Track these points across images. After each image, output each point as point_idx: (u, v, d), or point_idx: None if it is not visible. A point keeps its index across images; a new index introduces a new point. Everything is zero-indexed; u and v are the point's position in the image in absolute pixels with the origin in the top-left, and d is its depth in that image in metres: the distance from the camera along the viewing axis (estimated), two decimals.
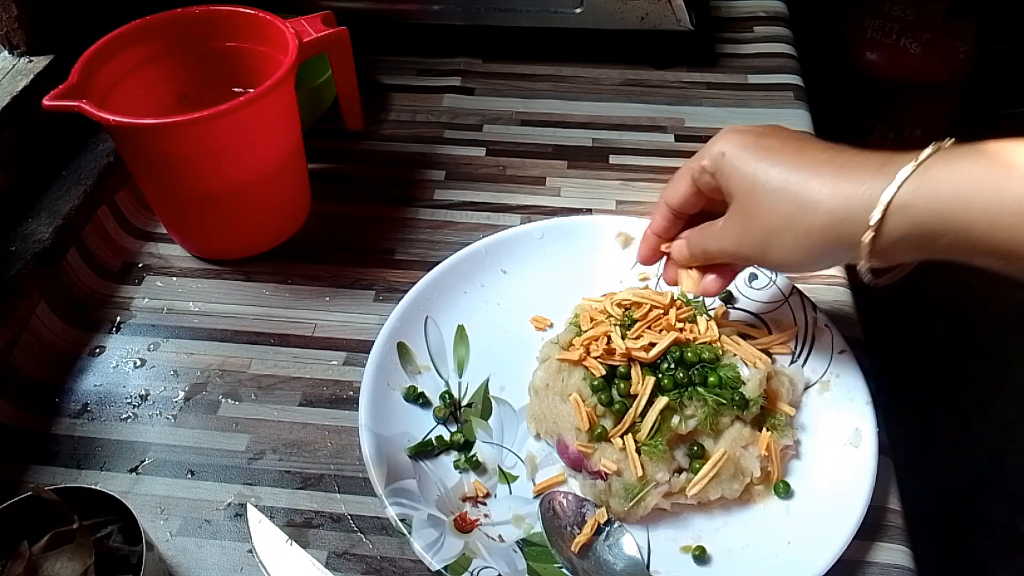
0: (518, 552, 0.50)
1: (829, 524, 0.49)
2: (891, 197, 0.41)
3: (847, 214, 0.43)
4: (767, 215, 0.46)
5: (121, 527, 0.46)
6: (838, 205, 0.43)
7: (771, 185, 0.46)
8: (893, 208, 0.41)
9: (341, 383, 0.60)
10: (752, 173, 0.47)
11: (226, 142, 0.61)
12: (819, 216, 0.44)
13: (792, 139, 0.48)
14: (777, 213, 0.46)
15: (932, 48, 1.53)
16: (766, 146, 0.47)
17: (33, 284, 0.62)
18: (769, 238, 0.47)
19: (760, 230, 0.47)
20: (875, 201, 0.41)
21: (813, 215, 0.44)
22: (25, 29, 0.72)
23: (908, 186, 0.41)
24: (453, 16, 0.86)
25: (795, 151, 0.46)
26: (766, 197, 0.46)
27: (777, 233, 0.46)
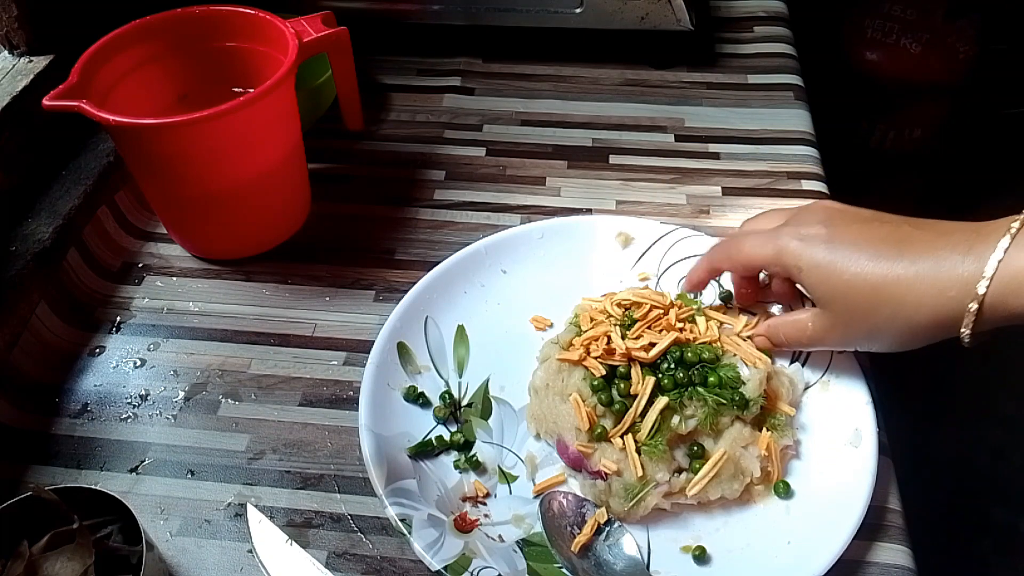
0: (518, 552, 0.50)
1: (829, 524, 0.49)
2: (985, 291, 0.42)
3: (947, 314, 0.44)
4: (864, 322, 0.48)
5: (121, 527, 0.46)
6: (936, 308, 0.44)
7: (864, 295, 0.47)
8: (987, 304, 0.43)
9: (341, 383, 0.60)
10: (836, 287, 0.48)
11: (226, 142, 0.61)
12: (921, 316, 0.45)
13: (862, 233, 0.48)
14: (876, 318, 0.47)
15: (932, 48, 1.53)
16: (842, 255, 0.47)
17: (33, 284, 0.62)
18: (873, 336, 0.49)
19: (862, 332, 0.49)
20: (970, 295, 0.43)
21: (914, 315, 0.45)
22: (25, 29, 0.72)
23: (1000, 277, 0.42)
24: (453, 16, 0.86)
25: (873, 251, 0.47)
26: (860, 306, 0.47)
27: (880, 333, 0.48)
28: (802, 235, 0.49)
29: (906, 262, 0.45)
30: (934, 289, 0.44)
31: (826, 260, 0.48)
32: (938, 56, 1.53)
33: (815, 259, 0.48)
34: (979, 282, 0.42)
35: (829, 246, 0.48)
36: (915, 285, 0.45)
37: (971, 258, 0.43)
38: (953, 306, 0.44)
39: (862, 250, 0.47)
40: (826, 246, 0.48)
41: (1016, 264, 0.42)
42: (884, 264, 0.46)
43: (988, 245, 0.43)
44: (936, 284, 0.44)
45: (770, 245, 0.51)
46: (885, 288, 0.46)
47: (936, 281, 0.44)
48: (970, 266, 0.43)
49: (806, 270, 0.49)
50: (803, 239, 0.49)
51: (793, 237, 0.50)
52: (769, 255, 0.51)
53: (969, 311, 0.43)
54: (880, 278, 0.46)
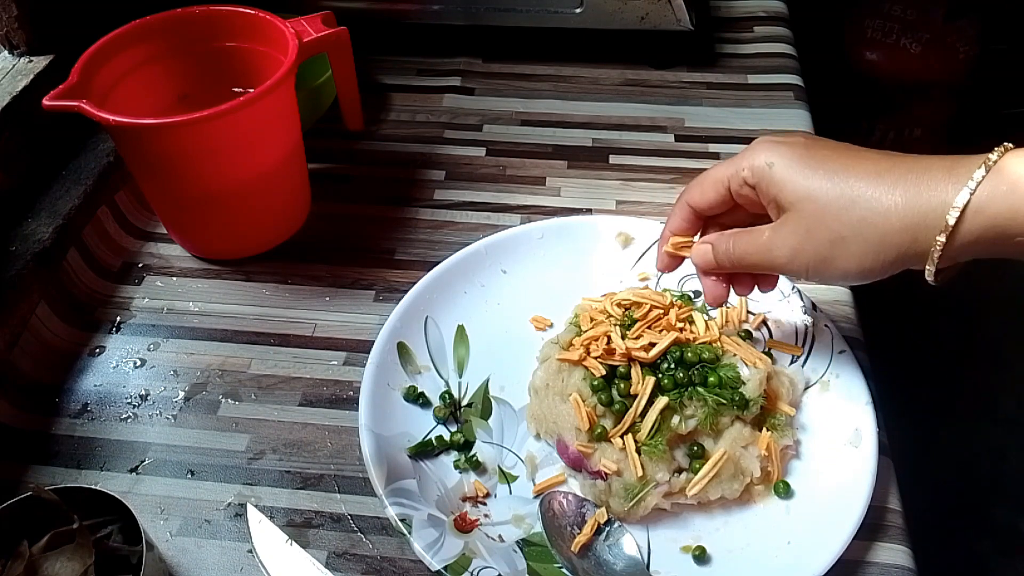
0: (518, 552, 0.50)
1: (829, 524, 0.49)
2: (967, 200, 0.41)
3: (922, 218, 0.42)
4: (832, 224, 0.45)
5: (121, 527, 0.46)
6: (912, 210, 0.42)
7: (834, 193, 0.44)
8: (969, 211, 0.41)
9: (341, 383, 0.60)
10: (809, 183, 0.45)
11: (226, 142, 0.61)
12: (892, 222, 0.43)
13: (841, 147, 0.47)
14: (843, 222, 0.44)
15: (932, 48, 1.53)
16: (819, 156, 0.46)
17: (33, 284, 0.62)
18: (835, 248, 0.45)
19: (824, 240, 0.46)
20: (949, 204, 0.41)
21: (885, 221, 0.43)
22: (25, 29, 0.72)
23: (983, 188, 0.41)
24: (453, 16, 0.86)
25: (850, 159, 0.45)
26: (829, 206, 0.45)
27: (844, 242, 0.45)
28: (778, 140, 0.48)
29: (882, 169, 0.44)
30: (908, 202, 0.43)
31: (800, 160, 0.46)
32: (938, 56, 1.54)
33: (789, 158, 0.46)
34: (959, 193, 0.41)
35: (805, 150, 0.46)
36: (894, 190, 0.43)
37: (953, 176, 0.42)
38: (925, 224, 0.42)
39: (839, 157, 0.46)
40: (803, 149, 0.47)
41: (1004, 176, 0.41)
42: (861, 171, 0.44)
43: (971, 166, 0.41)
44: (911, 197, 0.43)
45: (742, 154, 0.49)
46: (858, 194, 0.44)
47: (911, 194, 0.43)
48: (951, 181, 0.42)
49: (778, 165, 0.46)
50: (778, 142, 0.48)
51: (767, 141, 0.48)
52: (740, 161, 0.49)
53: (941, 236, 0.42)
54: (856, 181, 0.44)
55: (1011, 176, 0.41)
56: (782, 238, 0.47)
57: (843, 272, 0.46)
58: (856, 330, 0.62)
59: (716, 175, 0.50)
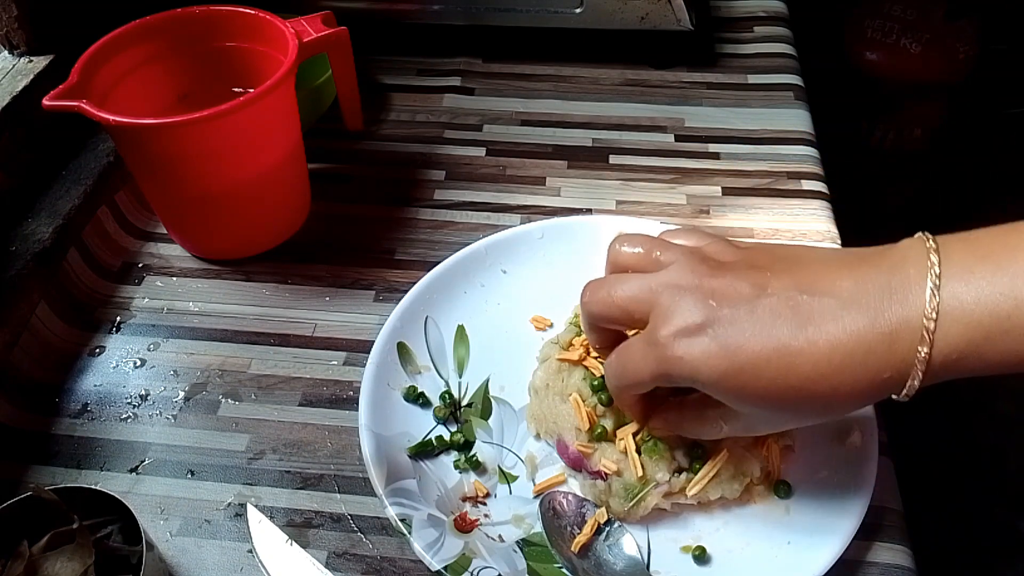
0: (518, 552, 0.50)
1: (829, 524, 0.49)
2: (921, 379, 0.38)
3: (882, 392, 0.40)
4: (792, 417, 0.43)
5: (121, 527, 0.46)
6: (871, 393, 0.39)
7: (787, 400, 0.40)
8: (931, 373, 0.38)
9: (341, 383, 0.60)
10: (755, 399, 0.41)
11: (226, 142, 0.61)
12: (854, 405, 0.41)
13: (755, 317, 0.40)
14: (805, 412, 0.42)
15: (932, 48, 1.53)
16: (745, 361, 0.39)
17: (33, 284, 0.62)
18: (798, 424, 0.46)
19: (786, 423, 0.45)
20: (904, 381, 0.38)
21: (846, 406, 0.41)
22: (25, 29, 0.72)
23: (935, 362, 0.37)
24: (453, 16, 0.86)
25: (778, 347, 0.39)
26: (786, 411, 0.42)
27: (808, 421, 0.45)
28: (685, 339, 0.41)
29: (824, 349, 0.38)
30: (867, 375, 0.38)
31: (729, 372, 0.40)
32: (938, 56, 1.54)
33: (715, 374, 0.40)
34: (915, 357, 0.37)
35: (724, 353, 0.40)
36: (844, 378, 0.38)
37: (897, 327, 0.37)
38: (891, 384, 0.39)
39: (764, 347, 0.39)
40: (722, 352, 0.40)
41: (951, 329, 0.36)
42: (800, 359, 0.39)
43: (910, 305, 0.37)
44: (868, 369, 0.38)
45: (651, 360, 0.42)
46: (809, 387, 0.39)
47: (867, 366, 0.38)
48: (900, 340, 0.37)
49: (709, 387, 0.41)
50: (688, 347, 0.40)
51: (676, 346, 0.41)
52: (654, 372, 0.42)
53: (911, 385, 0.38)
54: (801, 378, 0.39)
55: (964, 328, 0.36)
56: (744, 428, 0.45)
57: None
58: None
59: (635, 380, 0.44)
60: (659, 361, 0.42)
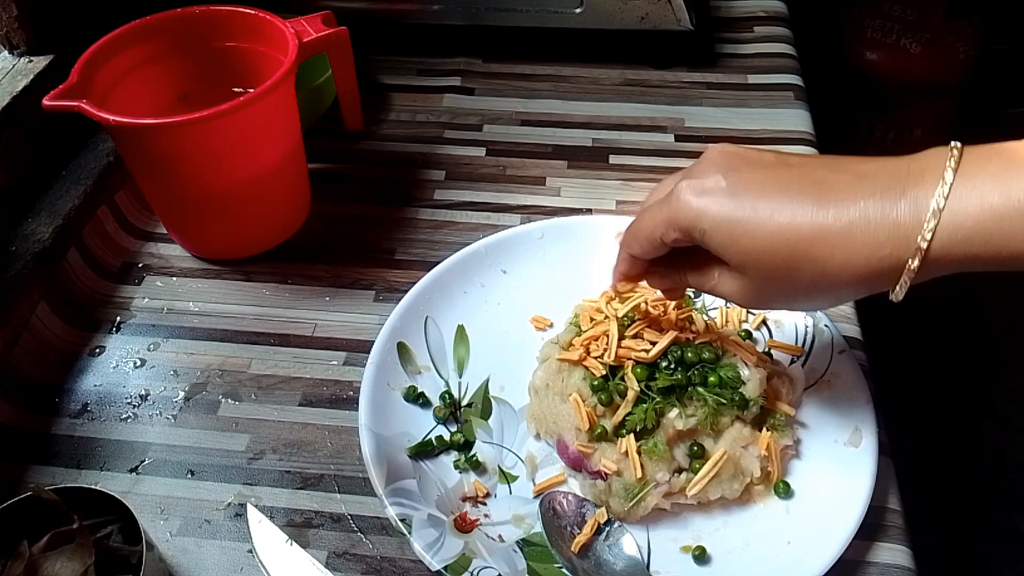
0: (518, 552, 0.50)
1: (829, 524, 0.49)
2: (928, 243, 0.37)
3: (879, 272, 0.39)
4: (782, 284, 0.41)
5: (121, 527, 0.46)
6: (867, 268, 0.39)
7: (779, 257, 0.40)
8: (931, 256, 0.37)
9: (341, 383, 0.60)
10: (749, 249, 0.41)
11: (226, 142, 0.61)
12: (849, 274, 0.39)
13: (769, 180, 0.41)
14: (797, 278, 0.41)
15: (932, 48, 1.53)
16: (751, 209, 0.40)
17: (33, 284, 0.62)
18: (790, 300, 0.44)
19: (777, 295, 0.43)
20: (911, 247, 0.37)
21: (841, 273, 0.39)
22: (25, 29, 0.72)
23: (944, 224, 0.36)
24: (453, 16, 0.86)
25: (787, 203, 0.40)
26: (777, 269, 0.41)
27: (800, 294, 0.42)
28: (699, 189, 0.42)
29: (826, 213, 0.39)
30: (865, 245, 0.38)
31: (732, 216, 0.40)
32: (938, 56, 1.54)
33: (719, 217, 0.41)
34: (919, 235, 0.37)
35: (733, 199, 0.41)
36: (841, 240, 0.38)
37: (906, 204, 0.37)
38: (888, 262, 0.38)
39: (772, 200, 0.40)
40: (730, 199, 0.41)
41: (959, 209, 0.36)
42: (801, 217, 0.39)
43: (923, 189, 0.37)
44: (867, 237, 0.38)
45: (666, 208, 0.43)
46: (805, 246, 0.39)
47: (866, 234, 0.38)
48: (907, 215, 0.37)
49: (710, 231, 0.41)
50: (701, 194, 0.42)
51: (690, 193, 0.42)
52: (666, 220, 0.43)
53: (909, 267, 0.37)
54: (798, 235, 0.39)
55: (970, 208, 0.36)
56: (735, 290, 0.44)
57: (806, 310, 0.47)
58: (856, 330, 0.62)
59: (647, 231, 0.45)
60: (670, 208, 0.43)
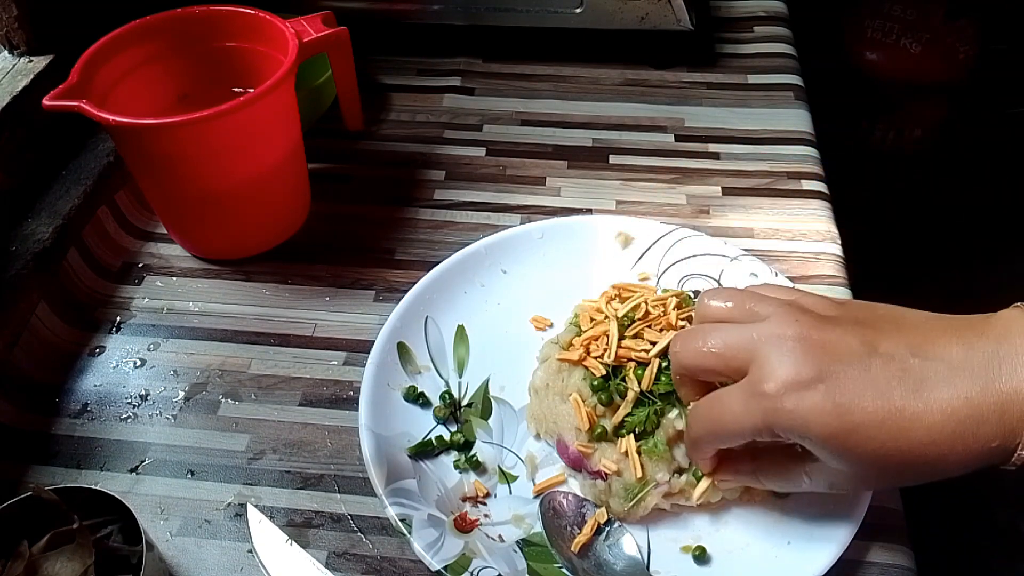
0: (518, 552, 0.50)
1: (829, 524, 0.49)
2: None
3: (991, 457, 0.39)
4: (894, 480, 0.44)
5: (121, 527, 0.46)
6: (981, 458, 0.39)
7: (894, 462, 0.40)
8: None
9: (341, 383, 0.60)
10: (863, 457, 0.40)
11: (226, 142, 0.61)
12: (959, 471, 0.40)
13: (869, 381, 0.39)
14: (908, 477, 0.41)
15: (932, 48, 1.53)
16: (858, 423, 0.39)
17: (33, 284, 0.62)
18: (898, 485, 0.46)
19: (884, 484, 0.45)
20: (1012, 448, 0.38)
21: (951, 473, 0.40)
22: (25, 29, 0.72)
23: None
24: (453, 16, 0.86)
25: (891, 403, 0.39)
26: (890, 471, 0.41)
27: (908, 482, 0.43)
28: (798, 397, 0.40)
29: (936, 416, 0.38)
30: (976, 444, 0.38)
31: (839, 432, 0.39)
32: (938, 56, 1.54)
33: (824, 432, 0.39)
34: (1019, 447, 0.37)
35: (838, 409, 0.39)
36: (952, 443, 0.38)
37: (1005, 387, 0.37)
38: (998, 453, 0.38)
39: (880, 408, 0.39)
40: (835, 409, 0.39)
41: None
42: (912, 423, 0.38)
43: (1018, 373, 0.37)
44: (977, 438, 0.38)
45: (756, 411, 0.41)
46: (919, 452, 0.39)
47: (976, 434, 0.38)
48: (1008, 397, 0.37)
49: (816, 443, 0.40)
50: (799, 401, 0.40)
51: (786, 399, 0.40)
52: (758, 424, 0.41)
53: (1019, 455, 0.38)
54: (912, 442, 0.39)
55: None
56: (833, 485, 0.44)
57: None
58: None
59: (734, 429, 0.43)
60: (765, 413, 0.41)
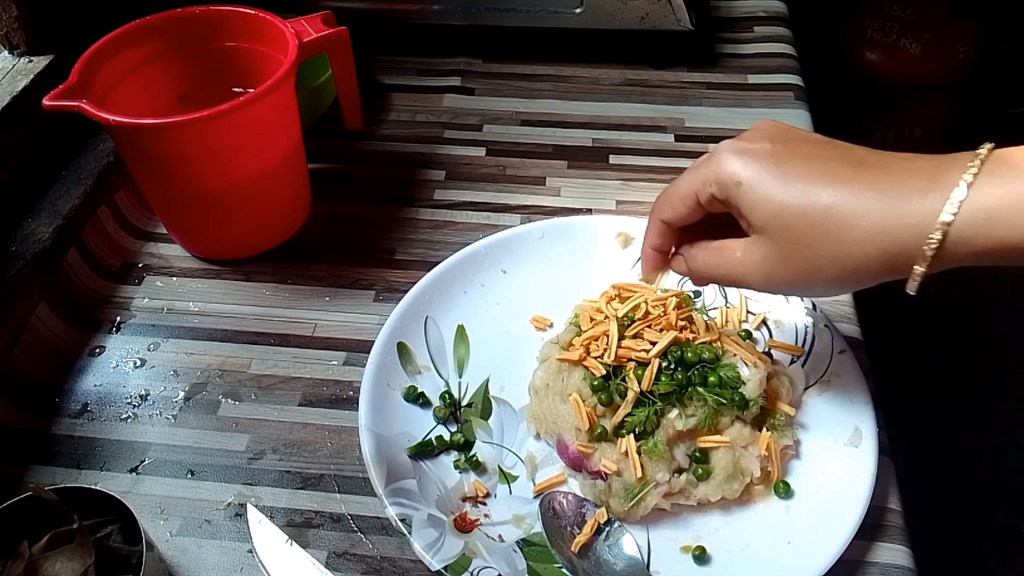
0: (518, 552, 0.50)
1: (829, 524, 0.49)
2: (946, 229, 0.38)
3: (901, 248, 0.40)
4: (806, 253, 0.42)
5: (121, 527, 0.46)
6: (890, 236, 0.40)
7: (808, 221, 0.41)
8: (950, 240, 0.38)
9: (341, 383, 0.60)
10: (780, 208, 0.42)
11: (226, 142, 0.61)
12: (869, 251, 0.40)
13: (814, 152, 0.43)
14: (818, 251, 0.42)
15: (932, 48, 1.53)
16: (789, 170, 0.42)
17: (33, 284, 0.62)
18: (810, 275, 0.43)
19: (799, 268, 0.43)
20: (931, 226, 0.38)
21: (862, 251, 0.40)
22: (25, 29, 0.72)
23: (966, 209, 0.37)
24: (453, 16, 0.86)
25: (824, 170, 0.42)
26: (803, 235, 0.42)
27: (820, 270, 0.42)
28: (743, 149, 0.44)
29: (861, 184, 0.40)
30: (892, 218, 0.39)
31: (770, 176, 0.42)
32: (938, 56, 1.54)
33: (757, 174, 0.42)
34: (940, 216, 0.38)
35: (774, 161, 0.42)
36: (871, 211, 0.40)
37: (934, 189, 0.39)
38: (911, 242, 0.39)
39: (812, 168, 0.42)
40: (771, 161, 0.42)
41: (980, 199, 0.38)
42: (837, 185, 0.41)
43: (951, 177, 0.38)
44: (894, 212, 0.39)
45: (707, 165, 0.45)
46: (836, 212, 0.40)
47: (895, 209, 0.39)
48: (932, 198, 0.38)
49: (746, 184, 0.43)
50: (744, 153, 0.43)
51: (733, 152, 0.44)
52: (705, 175, 0.45)
53: (927, 246, 0.38)
54: (831, 198, 0.40)
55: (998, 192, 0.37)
56: (755, 262, 0.44)
57: (819, 293, 0.47)
58: (856, 330, 0.62)
59: (684, 189, 0.47)
60: (709, 164, 0.45)
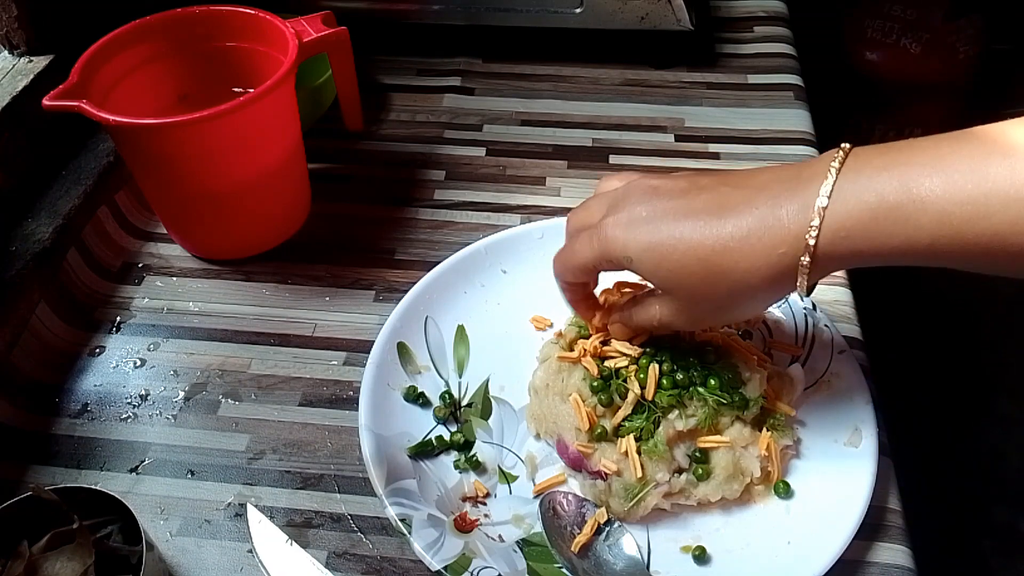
0: (518, 552, 0.50)
1: (829, 524, 0.49)
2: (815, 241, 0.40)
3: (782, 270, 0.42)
4: (710, 297, 0.45)
5: (121, 527, 0.46)
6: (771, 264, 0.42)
7: (698, 276, 0.44)
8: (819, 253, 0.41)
9: (341, 383, 0.60)
10: (670, 272, 0.45)
11: (226, 142, 0.61)
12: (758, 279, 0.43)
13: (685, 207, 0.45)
14: (716, 291, 0.44)
15: (932, 48, 1.53)
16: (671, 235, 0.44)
17: (33, 284, 0.62)
18: (723, 312, 0.47)
19: (707, 310, 0.46)
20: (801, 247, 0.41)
21: (752, 280, 0.43)
22: (25, 29, 0.72)
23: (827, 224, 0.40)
24: (453, 16, 0.86)
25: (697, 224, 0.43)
26: (698, 286, 0.44)
27: (725, 306, 0.46)
28: (623, 222, 0.46)
29: (729, 226, 0.42)
30: (763, 249, 0.42)
31: (652, 243, 0.44)
32: (938, 56, 1.53)
33: (640, 245, 0.45)
34: (807, 232, 0.40)
35: (651, 227, 0.45)
36: (744, 250, 0.42)
37: (795, 207, 0.41)
38: (786, 262, 0.42)
39: (683, 223, 0.44)
40: (648, 227, 0.45)
41: (841, 208, 0.40)
42: (708, 233, 0.43)
43: (810, 191, 0.40)
44: (764, 243, 0.42)
45: (595, 241, 0.47)
46: (716, 259, 0.43)
47: (763, 240, 0.42)
48: (795, 216, 0.41)
49: (636, 258, 0.45)
50: (626, 227, 0.45)
51: (616, 226, 0.46)
52: (597, 252, 0.47)
53: (802, 264, 0.41)
54: (708, 250, 0.43)
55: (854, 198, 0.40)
56: (673, 314, 0.48)
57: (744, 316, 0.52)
58: (856, 330, 0.62)
59: (578, 262, 0.49)
60: (599, 241, 0.47)
